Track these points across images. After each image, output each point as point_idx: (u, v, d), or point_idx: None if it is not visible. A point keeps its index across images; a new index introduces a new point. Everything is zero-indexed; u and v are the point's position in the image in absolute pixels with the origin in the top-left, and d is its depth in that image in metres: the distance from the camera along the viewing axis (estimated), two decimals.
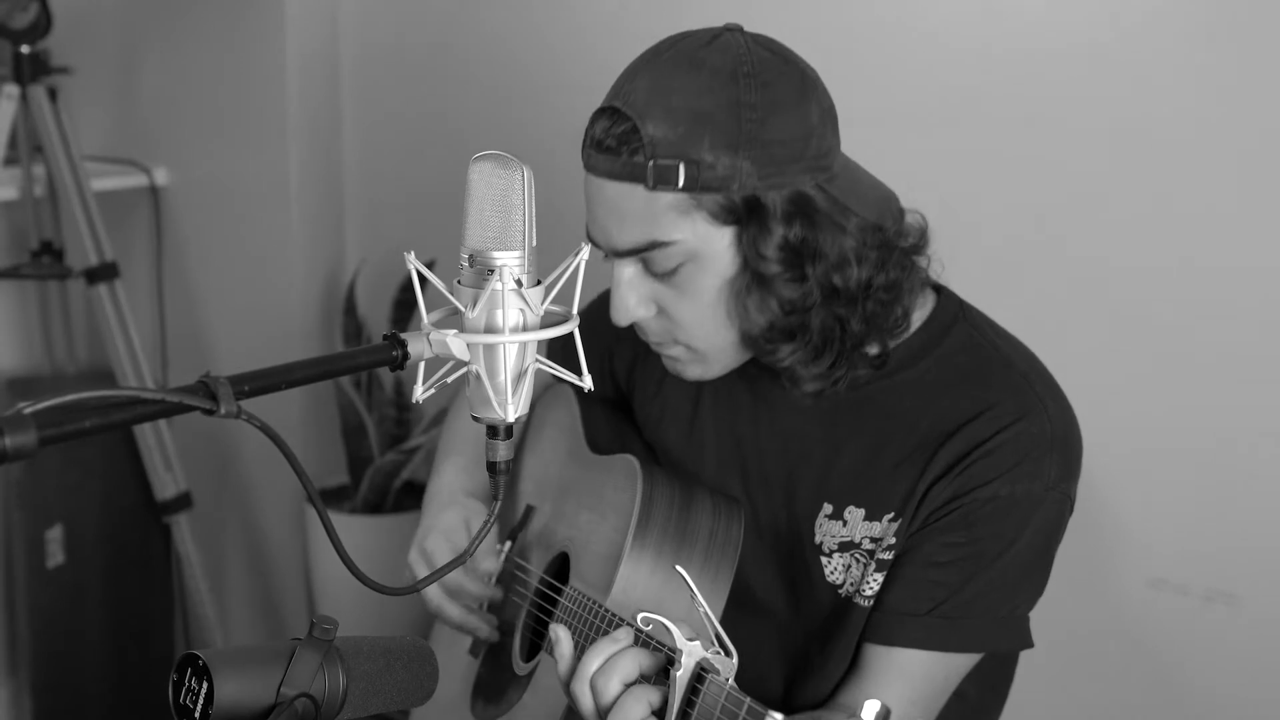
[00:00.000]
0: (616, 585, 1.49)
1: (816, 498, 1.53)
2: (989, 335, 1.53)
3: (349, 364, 1.07)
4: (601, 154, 1.41)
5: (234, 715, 1.04)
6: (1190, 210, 2.03)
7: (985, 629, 1.48)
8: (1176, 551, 2.10)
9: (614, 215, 1.42)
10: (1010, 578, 1.47)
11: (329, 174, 2.96)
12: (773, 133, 1.38)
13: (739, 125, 1.37)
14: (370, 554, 2.32)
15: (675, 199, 1.38)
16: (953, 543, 1.45)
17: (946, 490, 1.45)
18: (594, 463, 1.67)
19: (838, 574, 1.51)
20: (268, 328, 2.97)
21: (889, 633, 1.47)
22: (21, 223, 2.91)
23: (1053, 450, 1.45)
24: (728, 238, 1.41)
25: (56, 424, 0.87)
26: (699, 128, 1.37)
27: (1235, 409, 2.03)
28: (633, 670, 1.26)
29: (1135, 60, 2.04)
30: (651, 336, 1.50)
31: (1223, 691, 2.09)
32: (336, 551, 1.04)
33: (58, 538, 2.88)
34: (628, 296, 1.46)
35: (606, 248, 1.45)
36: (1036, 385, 1.48)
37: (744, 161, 1.37)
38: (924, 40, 2.20)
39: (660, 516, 1.53)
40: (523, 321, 1.07)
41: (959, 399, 1.47)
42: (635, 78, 1.41)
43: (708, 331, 1.46)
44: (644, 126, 1.37)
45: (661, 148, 1.37)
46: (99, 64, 3.08)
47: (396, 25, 2.86)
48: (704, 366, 1.51)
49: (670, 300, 1.45)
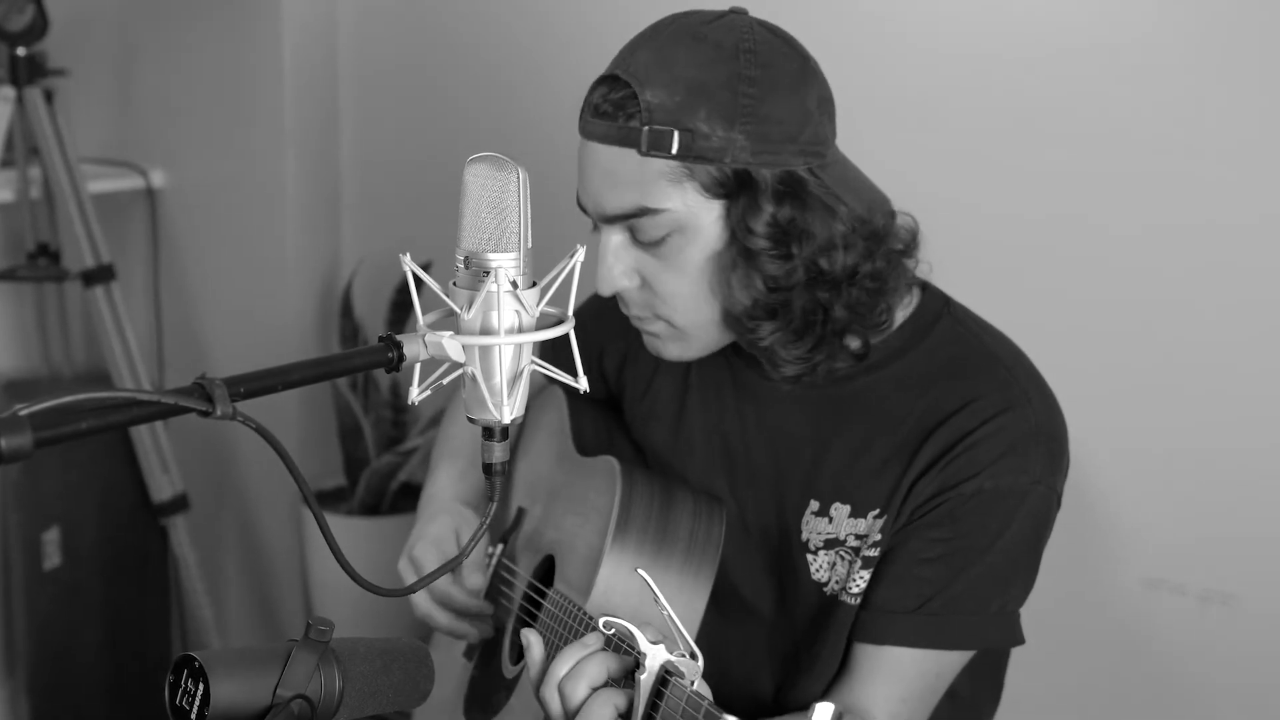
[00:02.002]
0: (596, 588, 1.49)
1: (803, 495, 1.53)
2: (973, 329, 1.53)
3: (345, 366, 1.07)
4: (598, 118, 1.41)
5: (230, 717, 1.04)
6: (1188, 210, 2.03)
7: (975, 625, 1.47)
8: (1173, 551, 2.10)
9: (606, 180, 1.42)
10: (998, 573, 1.46)
11: (325, 176, 2.96)
12: (769, 111, 1.39)
13: (736, 99, 1.38)
14: (367, 556, 2.32)
15: (667, 166, 1.39)
16: (938, 538, 1.45)
17: (931, 485, 1.45)
18: (579, 465, 1.67)
19: (823, 572, 1.51)
20: (264, 330, 2.97)
21: (878, 631, 1.46)
22: (18, 225, 2.91)
23: (1038, 443, 1.45)
24: (716, 211, 1.41)
25: (52, 426, 0.87)
26: (697, 98, 1.37)
27: (1233, 408, 2.04)
28: (600, 674, 1.26)
29: (1135, 61, 2.04)
30: (633, 309, 1.49)
31: (1219, 691, 2.09)
32: (333, 553, 1.04)
33: (54, 539, 2.88)
34: (613, 265, 1.45)
35: (596, 214, 1.45)
36: (1021, 379, 1.48)
37: (739, 135, 1.38)
38: (921, 40, 2.20)
39: (639, 518, 1.53)
40: (518, 323, 1.08)
41: (943, 394, 1.47)
42: (637, 50, 1.41)
43: (690, 306, 1.46)
44: (642, 93, 1.38)
45: (658, 114, 1.37)
46: (95, 66, 3.08)
47: (393, 27, 2.86)
48: (683, 345, 1.50)
49: (655, 272, 1.45)
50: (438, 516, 1.74)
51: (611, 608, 1.47)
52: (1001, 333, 1.55)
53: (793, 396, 1.54)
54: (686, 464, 1.63)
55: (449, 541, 1.70)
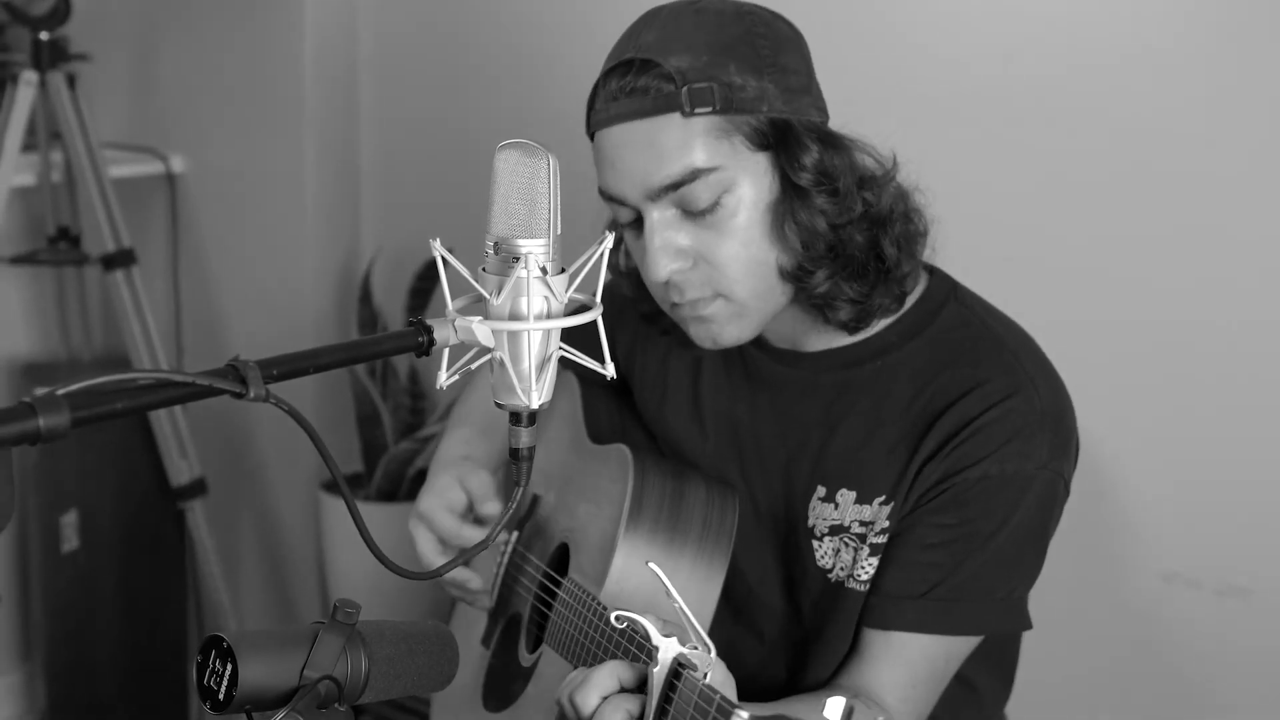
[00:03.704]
0: (610, 577, 1.49)
1: (811, 480, 1.53)
2: (980, 314, 1.53)
3: (375, 349, 1.07)
4: (627, 98, 1.41)
5: (257, 697, 1.05)
6: (1211, 202, 2.03)
7: (982, 611, 1.47)
8: (1189, 545, 2.10)
9: (648, 153, 1.40)
10: (1005, 558, 1.46)
11: (345, 162, 2.97)
12: (786, 62, 1.42)
13: (757, 52, 1.40)
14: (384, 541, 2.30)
15: (711, 123, 1.39)
16: (945, 524, 1.45)
17: (937, 470, 1.45)
18: (592, 453, 1.67)
19: (827, 558, 1.51)
20: (283, 315, 2.98)
21: (886, 617, 1.47)
22: (39, 209, 2.92)
23: (1044, 428, 1.45)
24: (763, 163, 1.42)
25: (88, 406, 0.88)
26: (722, 55, 1.39)
27: (1251, 402, 2.04)
28: (611, 684, 1.25)
29: (1149, 58, 2.04)
30: (689, 292, 1.46)
31: (1234, 685, 2.10)
32: (361, 535, 1.05)
33: (72, 523, 2.89)
34: (665, 246, 1.44)
35: (640, 193, 1.42)
36: (1027, 364, 1.48)
37: (769, 84, 1.40)
38: (937, 37, 2.20)
39: (652, 507, 1.53)
40: (547, 309, 1.08)
41: (949, 378, 1.47)
42: (640, 34, 1.43)
43: (748, 270, 1.44)
44: (667, 62, 1.39)
45: (691, 74, 1.38)
46: (117, 51, 3.08)
47: (414, 13, 2.86)
48: (741, 323, 1.48)
49: (709, 243, 1.43)
50: (440, 472, 1.73)
51: (625, 597, 1.48)
52: (1008, 318, 1.55)
53: (802, 382, 1.54)
54: (698, 449, 1.63)
55: (453, 489, 1.69)
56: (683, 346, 1.63)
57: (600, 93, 1.44)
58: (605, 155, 1.44)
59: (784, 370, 1.55)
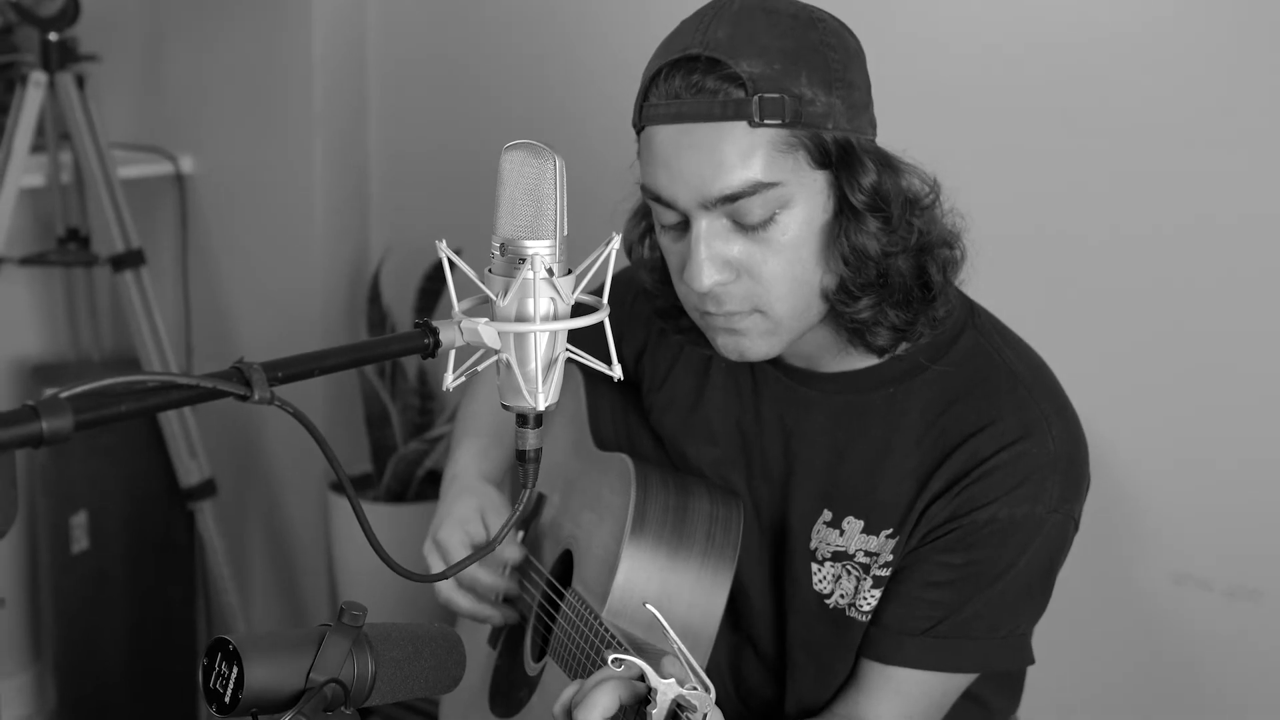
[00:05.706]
0: (613, 594, 1.48)
1: (816, 502, 1.51)
2: (997, 343, 1.49)
3: (381, 351, 1.07)
4: (692, 97, 1.33)
5: (264, 700, 1.05)
6: (1220, 204, 2.02)
7: (984, 649, 1.46)
8: (1200, 547, 2.10)
9: (709, 159, 1.33)
10: (1010, 599, 1.44)
11: (354, 163, 2.97)
12: (852, 77, 1.37)
13: (828, 64, 1.35)
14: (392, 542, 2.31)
15: (777, 137, 1.33)
16: (950, 563, 1.43)
17: (945, 509, 1.43)
18: (595, 459, 1.66)
19: (825, 583, 1.49)
20: (292, 316, 2.98)
21: (886, 651, 1.45)
22: (48, 210, 2.93)
23: (1055, 471, 1.42)
24: (820, 181, 1.37)
25: (92, 408, 0.88)
26: (794, 65, 1.33)
27: (1260, 404, 2.03)
28: (612, 704, 1.23)
29: (1154, 56, 2.03)
30: (729, 304, 1.40)
31: (1245, 686, 2.09)
32: (367, 537, 1.04)
33: (82, 523, 2.89)
34: (714, 257, 1.37)
35: (696, 200, 1.35)
36: (1042, 402, 1.44)
37: (836, 100, 1.34)
38: (939, 35, 2.20)
39: (655, 521, 1.51)
40: (553, 310, 1.07)
41: (961, 412, 1.44)
42: (709, 29, 1.35)
43: (792, 290, 1.39)
44: (738, 65, 1.32)
45: (763, 83, 1.32)
46: (126, 52, 3.09)
47: (423, 14, 2.86)
48: (772, 340, 1.43)
49: (756, 258, 1.37)
50: (462, 496, 1.71)
51: (628, 614, 1.47)
52: (1025, 344, 1.51)
53: (813, 400, 1.52)
54: (703, 454, 1.60)
55: (474, 522, 1.68)
56: (694, 348, 1.59)
57: (660, 85, 1.36)
58: (658, 154, 1.37)
59: (795, 388, 1.53)
